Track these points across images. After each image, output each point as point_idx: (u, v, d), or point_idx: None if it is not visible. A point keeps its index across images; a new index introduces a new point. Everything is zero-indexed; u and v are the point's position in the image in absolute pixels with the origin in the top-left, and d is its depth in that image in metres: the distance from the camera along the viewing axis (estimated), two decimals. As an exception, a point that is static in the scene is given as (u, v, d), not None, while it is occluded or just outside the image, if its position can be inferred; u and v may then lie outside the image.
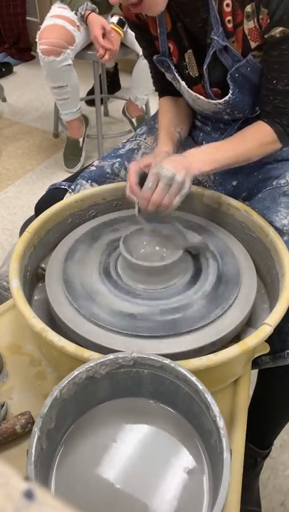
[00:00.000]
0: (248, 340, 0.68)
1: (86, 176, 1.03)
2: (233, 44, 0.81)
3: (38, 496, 0.22)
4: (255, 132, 0.88)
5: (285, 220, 0.86)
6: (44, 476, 0.58)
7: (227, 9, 0.77)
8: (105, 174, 1.02)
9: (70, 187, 1.02)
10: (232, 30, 0.80)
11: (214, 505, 0.51)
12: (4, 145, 2.42)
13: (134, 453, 0.63)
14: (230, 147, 0.87)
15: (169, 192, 0.80)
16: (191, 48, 0.89)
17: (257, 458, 1.04)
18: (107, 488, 0.59)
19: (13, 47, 3.29)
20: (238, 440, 0.69)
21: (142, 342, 0.71)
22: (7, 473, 0.22)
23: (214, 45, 0.82)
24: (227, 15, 0.78)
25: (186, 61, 0.91)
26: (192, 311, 0.76)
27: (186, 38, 0.89)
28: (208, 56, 0.84)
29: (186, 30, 0.88)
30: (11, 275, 0.78)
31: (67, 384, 0.61)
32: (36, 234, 0.88)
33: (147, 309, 0.76)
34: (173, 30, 0.89)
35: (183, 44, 0.90)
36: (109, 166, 1.03)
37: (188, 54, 0.90)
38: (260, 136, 0.88)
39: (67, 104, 2.09)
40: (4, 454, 0.68)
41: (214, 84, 0.89)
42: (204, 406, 0.59)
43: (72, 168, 2.22)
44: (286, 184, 0.91)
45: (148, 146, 1.04)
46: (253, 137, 0.88)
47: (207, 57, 0.84)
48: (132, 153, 1.04)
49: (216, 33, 0.80)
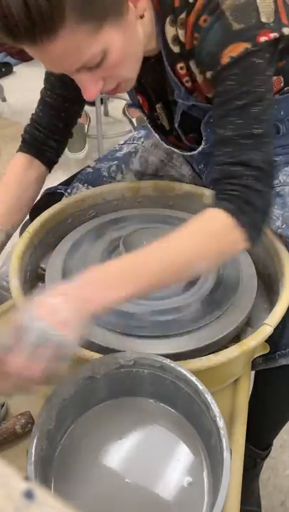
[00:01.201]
0: (248, 340, 0.68)
1: (83, 178, 1.02)
2: (197, 98, 0.78)
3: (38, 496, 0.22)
4: (199, 222, 0.65)
5: (278, 222, 0.84)
6: (44, 476, 0.58)
7: (182, 71, 0.74)
8: (102, 177, 1.02)
9: (66, 191, 1.02)
10: (192, 87, 0.77)
11: (214, 505, 0.51)
12: (4, 145, 2.41)
13: (134, 453, 0.63)
14: (157, 253, 0.63)
15: (37, 359, 0.52)
16: (159, 101, 0.86)
17: (256, 459, 1.04)
18: (107, 488, 0.59)
19: (13, 47, 3.29)
20: (238, 440, 0.69)
21: (142, 342, 0.71)
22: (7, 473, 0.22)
23: (180, 106, 0.80)
24: (184, 76, 0.75)
25: (158, 112, 0.88)
26: (192, 310, 0.75)
27: (152, 93, 0.86)
28: (177, 115, 0.82)
29: (151, 86, 0.84)
30: (11, 275, 0.78)
31: (67, 384, 0.61)
32: (36, 234, 0.88)
33: (148, 309, 0.76)
34: (139, 84, 0.84)
35: (151, 98, 0.87)
36: (106, 169, 1.03)
37: (158, 107, 0.87)
38: (207, 225, 0.65)
39: None
40: (4, 454, 0.68)
41: (188, 132, 0.87)
42: (204, 406, 0.59)
43: (77, 153, 2.18)
44: (279, 184, 0.90)
45: (146, 150, 1.04)
46: (195, 230, 0.65)
47: (176, 117, 0.82)
48: (129, 156, 1.04)
49: (179, 94, 0.78)
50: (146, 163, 1.03)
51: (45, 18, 0.54)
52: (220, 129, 0.67)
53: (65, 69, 0.64)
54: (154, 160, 1.03)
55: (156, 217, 0.96)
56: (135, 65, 0.71)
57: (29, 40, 0.57)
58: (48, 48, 0.58)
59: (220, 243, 0.65)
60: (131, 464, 0.61)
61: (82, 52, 0.61)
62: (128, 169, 1.03)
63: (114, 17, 0.61)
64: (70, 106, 0.90)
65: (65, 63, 0.62)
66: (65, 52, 0.60)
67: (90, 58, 0.62)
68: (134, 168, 1.03)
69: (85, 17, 0.57)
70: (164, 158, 1.03)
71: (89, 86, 0.67)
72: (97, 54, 0.62)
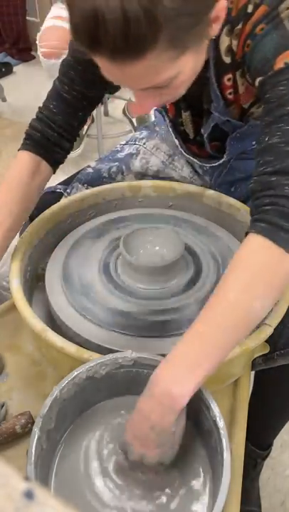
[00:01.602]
0: (248, 340, 0.68)
1: (82, 178, 1.02)
2: (232, 112, 0.77)
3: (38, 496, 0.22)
4: (242, 261, 0.60)
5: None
6: (44, 476, 0.58)
7: (228, 83, 0.73)
8: (102, 178, 1.02)
9: (65, 190, 1.02)
10: (232, 100, 0.76)
11: (214, 506, 0.51)
12: (4, 145, 2.41)
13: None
14: (217, 317, 0.58)
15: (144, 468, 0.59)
16: (188, 110, 0.84)
17: (257, 459, 1.04)
18: (107, 488, 0.59)
19: (13, 47, 3.29)
20: (238, 440, 0.69)
21: (142, 342, 0.71)
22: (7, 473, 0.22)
23: (214, 119, 0.78)
24: (228, 88, 0.74)
25: (183, 119, 0.86)
26: (192, 311, 0.75)
27: (183, 102, 0.83)
28: (208, 126, 0.80)
29: (184, 95, 0.80)
30: (11, 275, 0.78)
31: (67, 384, 0.61)
32: (36, 234, 0.88)
33: (148, 309, 0.76)
34: None
35: (180, 105, 0.85)
36: (106, 170, 1.03)
37: (185, 116, 0.85)
38: (251, 260, 0.59)
39: None
40: (4, 454, 0.68)
41: (212, 141, 0.86)
42: (204, 406, 0.59)
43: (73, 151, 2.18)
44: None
45: (147, 152, 1.04)
46: (240, 268, 0.59)
47: (207, 128, 0.80)
48: (130, 157, 1.04)
49: (217, 107, 0.76)
50: (148, 164, 1.03)
51: (140, 40, 0.51)
52: (265, 136, 0.63)
53: (132, 86, 0.62)
54: (155, 161, 1.03)
55: (156, 217, 0.96)
56: (187, 86, 0.68)
57: (112, 57, 0.54)
58: (126, 67, 0.55)
59: (272, 279, 0.59)
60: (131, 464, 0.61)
61: (158, 76, 0.58)
62: (129, 170, 1.03)
63: (197, 43, 0.59)
64: (88, 105, 0.86)
65: (135, 82, 0.60)
66: (142, 74, 0.57)
67: (162, 81, 0.60)
68: (134, 169, 1.03)
69: (174, 44, 0.55)
70: (165, 159, 1.03)
71: (148, 103, 0.65)
72: (171, 77, 0.60)
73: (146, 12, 0.49)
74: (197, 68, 0.65)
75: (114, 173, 1.02)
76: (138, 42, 0.52)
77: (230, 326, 0.57)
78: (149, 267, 0.79)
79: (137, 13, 0.49)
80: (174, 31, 0.53)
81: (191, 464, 0.61)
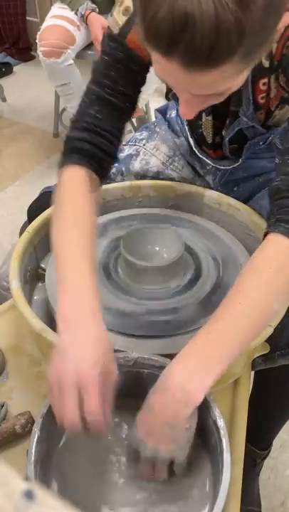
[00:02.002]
0: (248, 340, 0.68)
1: None
2: (259, 116, 0.76)
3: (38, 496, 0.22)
4: (263, 261, 0.61)
5: None
6: (44, 476, 0.58)
7: (263, 87, 0.72)
8: None
9: None
10: (263, 104, 0.74)
11: (214, 505, 0.51)
12: (4, 145, 2.41)
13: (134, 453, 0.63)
14: (236, 315, 0.58)
15: (156, 469, 0.58)
16: (211, 114, 0.82)
17: (256, 459, 1.04)
18: (107, 488, 0.59)
19: (13, 47, 3.29)
20: (238, 440, 0.69)
21: (142, 342, 0.71)
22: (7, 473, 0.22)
23: (241, 123, 0.77)
24: (261, 92, 0.73)
25: (203, 122, 0.84)
26: (192, 311, 0.76)
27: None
28: (232, 130, 0.78)
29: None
30: (11, 275, 0.78)
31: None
32: (36, 234, 0.88)
33: (148, 309, 0.76)
34: None
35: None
36: None
37: (207, 120, 0.83)
38: (273, 261, 0.60)
39: (73, 98, 2.10)
40: (4, 454, 0.68)
41: (231, 144, 0.84)
42: (204, 406, 0.59)
43: None
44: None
45: (147, 153, 1.03)
46: (262, 266, 0.61)
47: (231, 131, 0.78)
48: (130, 159, 1.03)
49: (246, 112, 0.75)
50: (148, 165, 1.02)
51: (223, 51, 0.49)
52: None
53: (189, 91, 0.58)
54: (155, 162, 1.03)
55: (156, 217, 0.96)
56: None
57: (188, 64, 0.51)
58: (197, 75, 0.53)
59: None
60: (131, 464, 0.61)
61: (222, 85, 0.57)
62: (128, 171, 1.03)
63: (261, 55, 0.58)
64: (130, 106, 0.80)
65: (196, 89, 0.57)
66: (209, 83, 0.55)
67: (220, 91, 0.58)
68: (134, 170, 1.03)
69: (246, 58, 0.53)
70: (165, 160, 1.03)
71: (195, 108, 0.62)
72: (228, 88, 0.58)
73: (237, 23, 0.47)
74: (244, 80, 0.62)
75: (113, 174, 1.02)
76: (221, 53, 0.50)
77: (248, 325, 0.57)
78: (149, 266, 0.79)
79: (229, 24, 0.47)
80: (250, 45, 0.51)
81: (191, 464, 0.61)
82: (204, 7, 0.46)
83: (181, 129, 1.03)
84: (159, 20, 0.49)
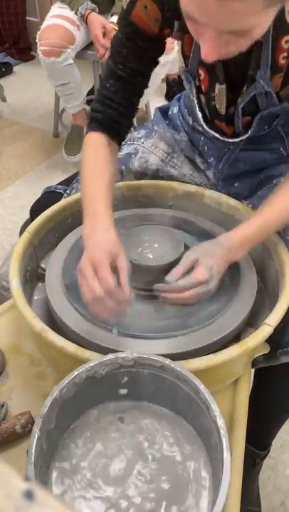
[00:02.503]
0: (248, 340, 0.68)
1: None
2: (278, 79, 0.77)
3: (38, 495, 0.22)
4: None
5: None
6: (44, 476, 0.58)
7: (285, 46, 0.72)
8: None
9: (65, 191, 1.02)
10: (283, 65, 0.74)
11: (214, 505, 0.51)
12: (4, 145, 2.41)
13: (134, 453, 0.63)
14: (260, 219, 0.79)
15: (195, 293, 0.73)
16: (225, 82, 0.83)
17: (256, 459, 1.04)
18: (107, 488, 0.59)
19: (13, 47, 3.29)
20: (238, 440, 0.69)
21: (142, 342, 0.71)
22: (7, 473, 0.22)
23: (257, 86, 0.77)
24: (283, 51, 0.73)
25: (216, 93, 0.85)
26: (192, 311, 0.75)
27: (221, 70, 0.81)
28: (247, 95, 0.79)
29: (224, 62, 0.79)
30: (11, 275, 0.78)
31: (67, 384, 0.61)
32: (36, 234, 0.88)
33: (147, 309, 0.76)
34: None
35: (216, 76, 0.82)
36: None
37: (220, 88, 0.83)
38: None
39: (72, 98, 2.10)
40: (4, 454, 0.68)
41: (244, 116, 0.85)
42: (204, 406, 0.59)
43: (74, 156, 2.17)
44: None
45: (146, 151, 1.04)
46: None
47: (246, 96, 0.79)
48: (129, 157, 1.04)
49: (263, 75, 0.75)
50: (147, 163, 1.03)
51: None
52: None
53: (216, 25, 0.60)
54: (154, 160, 1.03)
55: (156, 217, 0.96)
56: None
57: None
58: (228, 1, 0.55)
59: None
60: (131, 464, 0.62)
61: (248, 19, 0.58)
62: (128, 170, 1.03)
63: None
64: (142, 79, 0.86)
65: (224, 20, 0.59)
66: (239, 11, 0.56)
67: (247, 27, 0.60)
68: (134, 168, 1.03)
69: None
70: (164, 157, 1.03)
71: (218, 50, 0.64)
72: (253, 26, 0.60)
73: None
74: (267, 26, 0.64)
75: None
76: None
77: (272, 232, 0.82)
78: (148, 266, 0.79)
79: None
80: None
81: (191, 464, 0.61)
82: None
83: (182, 123, 1.03)
84: None
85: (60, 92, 2.09)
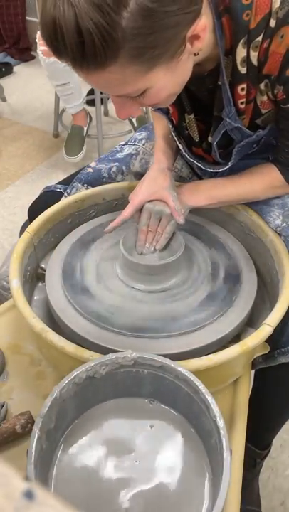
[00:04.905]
0: (248, 340, 0.68)
1: (82, 178, 1.02)
2: (243, 120, 0.78)
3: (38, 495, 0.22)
4: (264, 175, 0.85)
5: (278, 221, 0.86)
6: (44, 476, 0.58)
7: (241, 93, 0.73)
8: (102, 178, 1.02)
9: (65, 190, 1.02)
10: (243, 110, 0.76)
11: (214, 505, 0.51)
12: (4, 145, 2.41)
13: (133, 453, 0.63)
14: (232, 186, 0.86)
15: (160, 224, 0.85)
16: (192, 113, 0.85)
17: (256, 459, 1.04)
18: (107, 488, 0.59)
19: (13, 47, 3.29)
20: (238, 440, 0.69)
21: (142, 342, 0.71)
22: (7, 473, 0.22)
23: (225, 125, 0.78)
24: (240, 98, 0.74)
25: (187, 122, 0.87)
26: (191, 310, 0.76)
27: (187, 103, 0.83)
28: (218, 133, 0.80)
29: (189, 95, 0.82)
30: (11, 275, 0.78)
31: (67, 384, 0.61)
32: (36, 234, 0.88)
33: (147, 309, 0.76)
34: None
35: (184, 107, 0.84)
36: (107, 170, 1.02)
37: (190, 118, 0.85)
38: (268, 179, 0.85)
39: (72, 98, 2.10)
40: (4, 454, 0.68)
41: (220, 148, 0.86)
42: (204, 406, 0.59)
43: (74, 156, 2.17)
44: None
45: (146, 152, 1.04)
46: (260, 179, 0.85)
47: (217, 134, 0.81)
48: (130, 158, 1.04)
49: (228, 114, 0.76)
50: (147, 165, 1.03)
51: (98, 54, 0.54)
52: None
53: (108, 92, 0.65)
54: None
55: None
56: (172, 98, 0.71)
57: (74, 64, 0.58)
58: (90, 76, 0.59)
59: (274, 192, 0.88)
60: (131, 464, 0.62)
61: (127, 86, 0.61)
62: (129, 171, 1.03)
63: (168, 59, 0.60)
64: None
65: (108, 89, 0.64)
66: (108, 83, 0.60)
67: (132, 92, 0.63)
68: (134, 169, 1.03)
69: (138, 59, 0.56)
70: None
71: (123, 109, 0.68)
72: (141, 89, 0.63)
73: (101, 30, 0.51)
74: (174, 87, 0.67)
75: (114, 174, 1.02)
76: (95, 56, 0.54)
77: (240, 200, 0.89)
78: (148, 266, 0.79)
79: (90, 31, 0.51)
80: (136, 49, 0.55)
81: (191, 464, 0.61)
82: (66, 15, 0.51)
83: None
84: (41, 25, 0.56)
85: (60, 92, 2.09)
